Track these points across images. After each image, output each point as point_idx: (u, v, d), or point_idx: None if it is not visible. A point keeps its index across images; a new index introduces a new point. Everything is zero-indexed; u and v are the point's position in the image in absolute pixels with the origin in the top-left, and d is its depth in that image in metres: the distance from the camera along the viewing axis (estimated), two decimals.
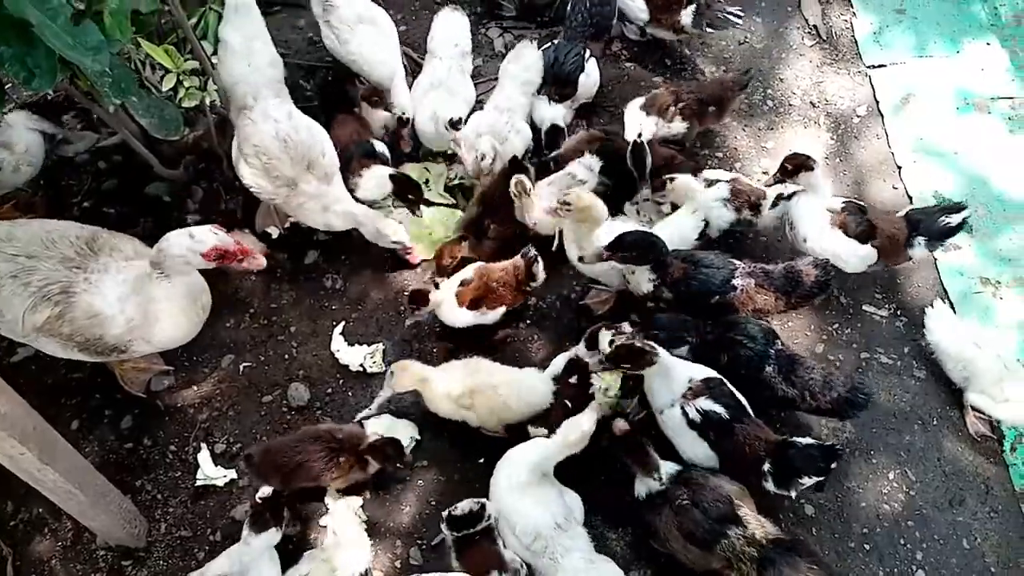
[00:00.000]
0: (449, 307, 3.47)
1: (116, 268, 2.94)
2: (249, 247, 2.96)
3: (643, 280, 3.38)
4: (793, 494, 2.97)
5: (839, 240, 3.54)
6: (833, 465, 2.86)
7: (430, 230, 3.99)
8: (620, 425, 3.02)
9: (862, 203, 3.66)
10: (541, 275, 3.48)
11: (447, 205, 4.09)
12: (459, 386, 3.20)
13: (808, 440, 2.95)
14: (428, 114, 3.97)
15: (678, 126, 4.01)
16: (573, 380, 3.23)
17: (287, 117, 3.45)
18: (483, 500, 2.90)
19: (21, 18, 2.37)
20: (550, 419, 3.17)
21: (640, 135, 3.78)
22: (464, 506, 2.86)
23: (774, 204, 3.68)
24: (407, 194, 3.75)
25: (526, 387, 3.22)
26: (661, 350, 3.02)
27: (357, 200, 3.71)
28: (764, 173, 4.09)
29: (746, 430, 2.98)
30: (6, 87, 3.62)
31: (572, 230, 3.49)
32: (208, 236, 2.84)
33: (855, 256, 3.55)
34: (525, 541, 2.81)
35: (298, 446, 3.06)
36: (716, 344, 3.22)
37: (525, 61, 4.05)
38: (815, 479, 2.87)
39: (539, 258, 3.46)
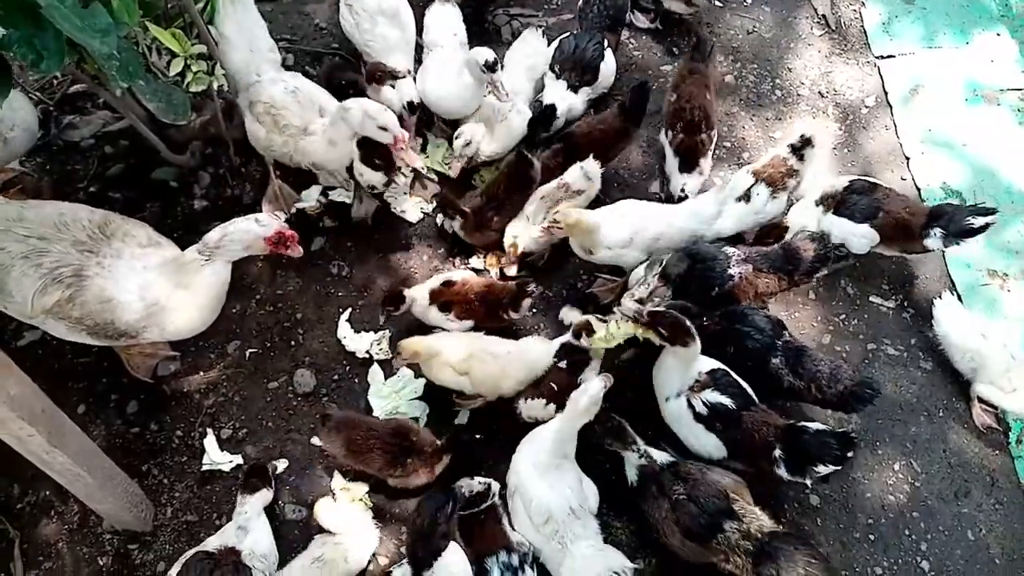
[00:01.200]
0: (421, 303, 3.44)
1: (131, 254, 2.94)
2: (295, 233, 3.05)
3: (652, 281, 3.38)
4: (808, 482, 2.96)
5: (831, 220, 3.57)
6: (850, 454, 2.84)
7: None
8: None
9: (875, 181, 3.66)
10: (524, 311, 3.42)
11: (439, 174, 4.11)
12: (460, 352, 3.23)
13: (819, 425, 2.94)
14: (441, 81, 3.89)
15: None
16: (563, 365, 3.24)
17: (292, 77, 3.64)
18: (489, 480, 2.91)
19: (30, 0, 2.37)
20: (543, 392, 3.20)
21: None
22: (473, 486, 2.86)
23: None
24: (373, 158, 3.65)
25: (526, 354, 3.26)
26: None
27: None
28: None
29: (753, 417, 2.98)
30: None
31: (573, 239, 3.54)
32: (273, 221, 2.98)
33: (849, 234, 3.54)
34: (537, 521, 2.82)
35: (376, 432, 3.11)
36: (723, 335, 3.20)
37: (530, 47, 4.08)
38: (831, 468, 2.85)
39: (533, 294, 3.40)
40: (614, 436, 2.99)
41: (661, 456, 3.03)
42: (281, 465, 3.31)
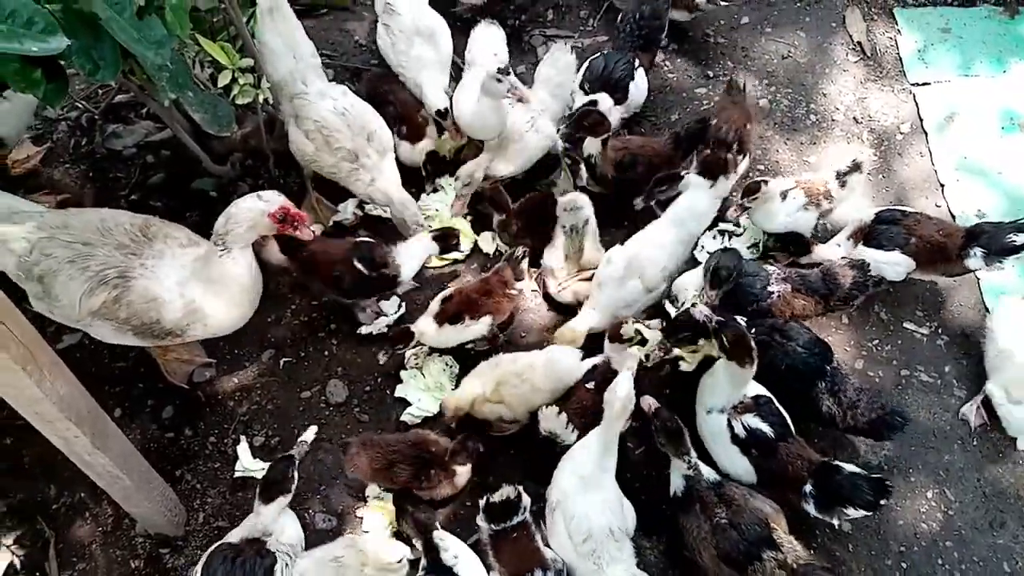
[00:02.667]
0: (430, 330, 3.43)
1: (172, 254, 3.00)
2: (305, 214, 3.05)
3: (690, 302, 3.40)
4: (836, 522, 2.96)
5: (861, 251, 3.59)
6: (883, 501, 2.84)
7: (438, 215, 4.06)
8: (649, 402, 3.02)
9: (904, 209, 3.68)
10: (525, 275, 3.49)
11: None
12: (489, 385, 3.24)
13: (855, 468, 2.93)
14: (468, 101, 3.87)
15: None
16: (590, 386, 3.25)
17: (342, 94, 3.63)
18: (519, 489, 2.92)
19: (91, 12, 2.45)
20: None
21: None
22: (503, 492, 2.87)
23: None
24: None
25: (551, 365, 3.27)
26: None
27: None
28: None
29: (789, 448, 2.98)
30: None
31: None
32: (276, 196, 2.96)
33: (881, 263, 3.55)
34: (576, 539, 2.82)
35: (395, 447, 3.14)
36: (772, 349, 3.19)
37: (559, 63, 4.08)
38: (862, 512, 2.85)
39: (525, 256, 3.47)
40: (669, 438, 2.93)
41: (709, 473, 3.00)
42: (310, 434, 3.21)
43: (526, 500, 2.92)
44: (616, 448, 2.95)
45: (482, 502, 2.91)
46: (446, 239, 3.58)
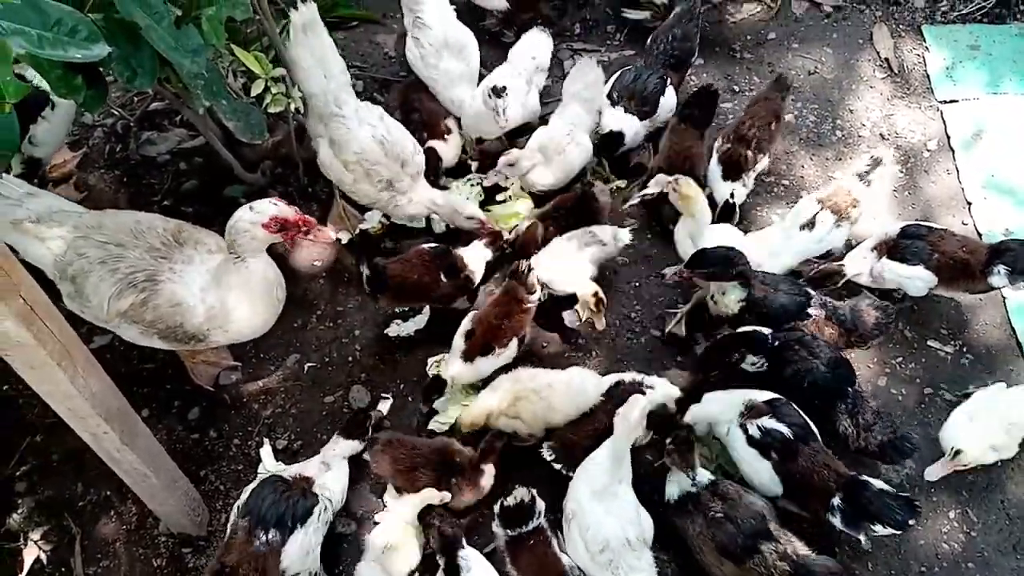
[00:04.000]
0: (464, 371, 3.41)
1: (200, 260, 3.06)
2: (312, 219, 2.98)
3: (732, 300, 3.41)
4: (862, 538, 2.95)
5: (883, 264, 3.58)
6: (912, 522, 2.84)
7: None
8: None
9: (930, 225, 3.67)
10: (535, 284, 3.47)
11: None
12: (506, 400, 3.25)
13: (884, 485, 2.94)
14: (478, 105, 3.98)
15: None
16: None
17: (380, 120, 3.61)
18: (534, 492, 2.93)
19: (131, 21, 2.52)
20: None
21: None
22: (517, 494, 2.89)
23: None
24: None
25: (571, 386, 3.27)
26: None
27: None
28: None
29: (815, 456, 2.97)
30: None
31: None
32: (267, 207, 2.87)
33: (903, 278, 3.56)
34: (592, 548, 2.83)
35: (420, 451, 3.18)
36: (795, 363, 3.22)
37: (587, 79, 4.09)
38: (890, 531, 2.86)
39: (530, 268, 3.48)
40: (679, 450, 2.97)
41: (703, 475, 3.04)
42: (385, 407, 3.43)
43: (540, 504, 2.93)
44: (629, 459, 2.98)
45: (496, 507, 2.93)
46: (495, 242, 3.76)
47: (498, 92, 3.73)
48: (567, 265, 3.67)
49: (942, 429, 3.34)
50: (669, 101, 4.22)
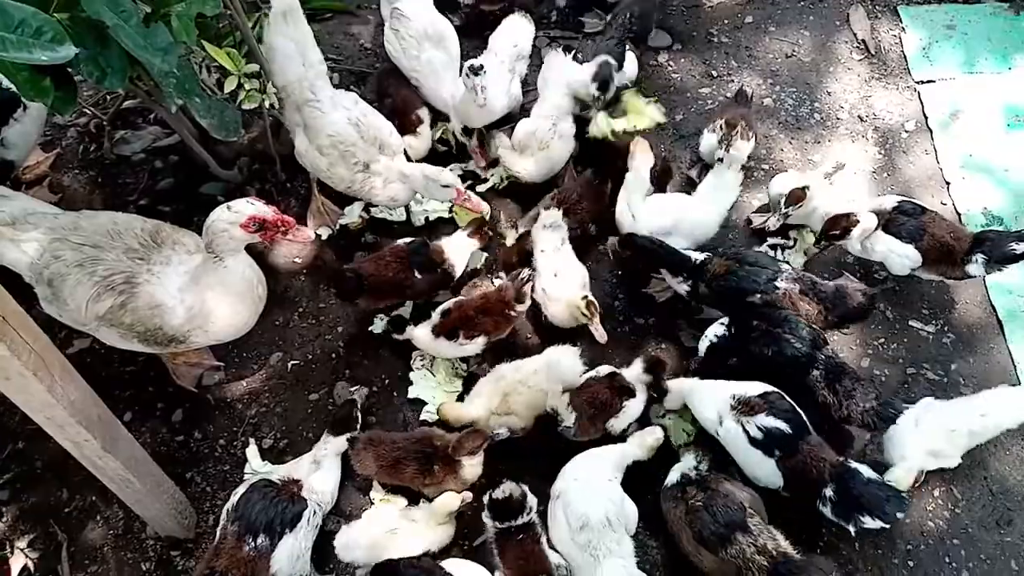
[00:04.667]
0: (426, 339, 3.44)
1: (178, 260, 3.02)
2: (290, 218, 2.91)
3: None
4: (852, 530, 2.96)
5: (877, 236, 3.59)
6: (900, 515, 2.87)
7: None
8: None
9: (922, 204, 3.68)
10: (527, 299, 3.48)
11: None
12: (494, 400, 3.25)
13: (873, 474, 2.95)
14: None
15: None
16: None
17: (354, 103, 3.60)
18: (525, 488, 2.93)
19: (98, 20, 2.47)
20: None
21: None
22: (505, 488, 2.89)
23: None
24: None
25: (551, 366, 3.28)
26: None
27: None
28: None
29: (811, 449, 2.99)
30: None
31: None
32: (244, 206, 2.82)
33: (893, 253, 3.58)
34: (574, 524, 2.85)
35: (400, 444, 3.16)
36: (762, 339, 3.24)
37: (553, 63, 4.13)
38: (879, 524, 2.87)
39: (530, 280, 3.48)
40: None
41: (689, 462, 3.12)
42: (360, 396, 3.45)
43: (532, 500, 2.93)
44: (625, 467, 3.09)
45: (486, 498, 2.93)
46: (479, 231, 3.72)
47: (475, 70, 3.68)
48: (562, 270, 3.66)
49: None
50: (631, 64, 4.22)
